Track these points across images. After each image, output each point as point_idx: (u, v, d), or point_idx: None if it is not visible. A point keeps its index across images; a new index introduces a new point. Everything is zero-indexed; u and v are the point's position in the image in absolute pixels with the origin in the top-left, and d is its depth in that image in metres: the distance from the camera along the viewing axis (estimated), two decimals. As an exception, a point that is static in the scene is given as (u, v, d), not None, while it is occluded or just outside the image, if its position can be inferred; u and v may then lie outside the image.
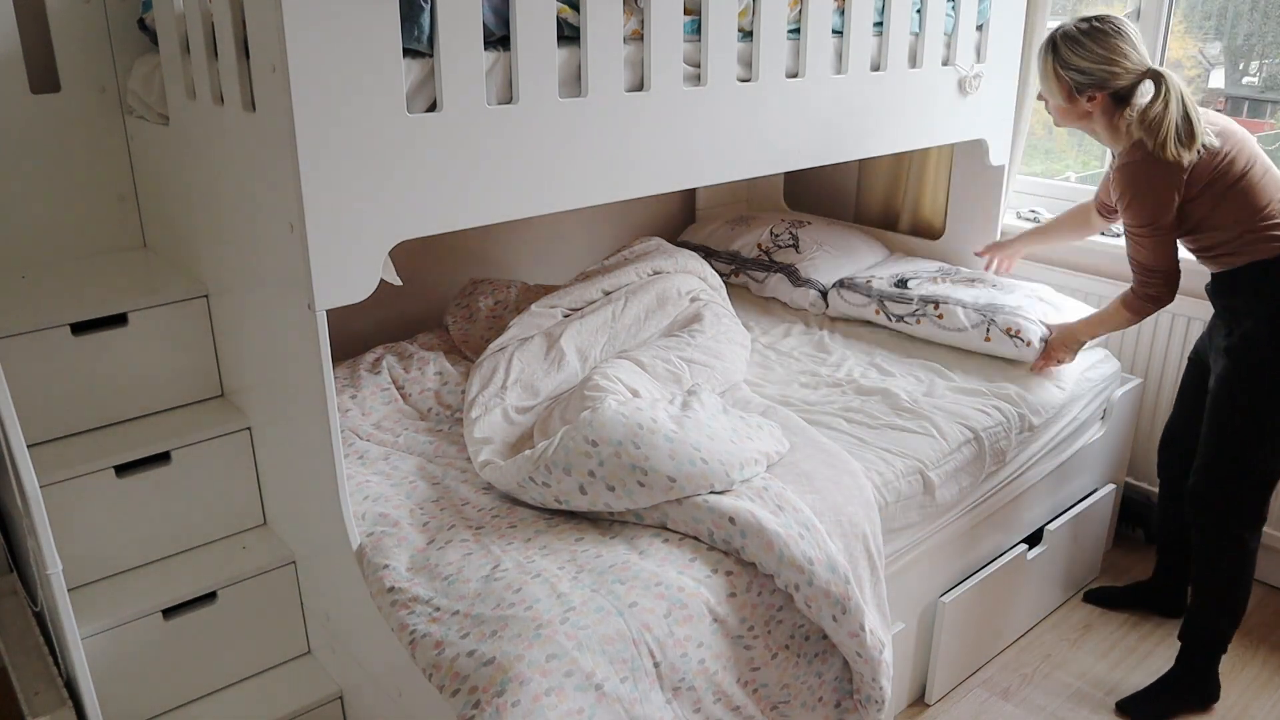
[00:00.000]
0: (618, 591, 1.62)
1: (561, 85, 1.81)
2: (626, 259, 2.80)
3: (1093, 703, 2.31)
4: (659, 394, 2.17)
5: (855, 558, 1.86)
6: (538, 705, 1.42)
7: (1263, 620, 2.60)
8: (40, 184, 2.23)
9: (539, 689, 1.44)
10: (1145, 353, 2.84)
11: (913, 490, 2.09)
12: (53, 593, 1.60)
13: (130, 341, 2.00)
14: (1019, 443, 2.35)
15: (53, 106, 2.21)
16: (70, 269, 2.23)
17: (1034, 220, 3.07)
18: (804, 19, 2.15)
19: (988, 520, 2.35)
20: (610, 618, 1.56)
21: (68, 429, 1.98)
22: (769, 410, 2.23)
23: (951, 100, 2.59)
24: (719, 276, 2.93)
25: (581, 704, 1.46)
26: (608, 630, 1.55)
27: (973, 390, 2.41)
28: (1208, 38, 2.93)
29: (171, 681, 1.92)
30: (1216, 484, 2.13)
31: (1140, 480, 2.93)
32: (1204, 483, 2.15)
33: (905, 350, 2.67)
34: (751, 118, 2.12)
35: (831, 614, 1.75)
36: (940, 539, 2.21)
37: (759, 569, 1.74)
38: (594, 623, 1.55)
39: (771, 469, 1.94)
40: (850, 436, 2.20)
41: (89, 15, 2.20)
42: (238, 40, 1.66)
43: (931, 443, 2.18)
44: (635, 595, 1.61)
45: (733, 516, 1.74)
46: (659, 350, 2.39)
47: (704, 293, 2.73)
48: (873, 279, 2.87)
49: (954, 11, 2.49)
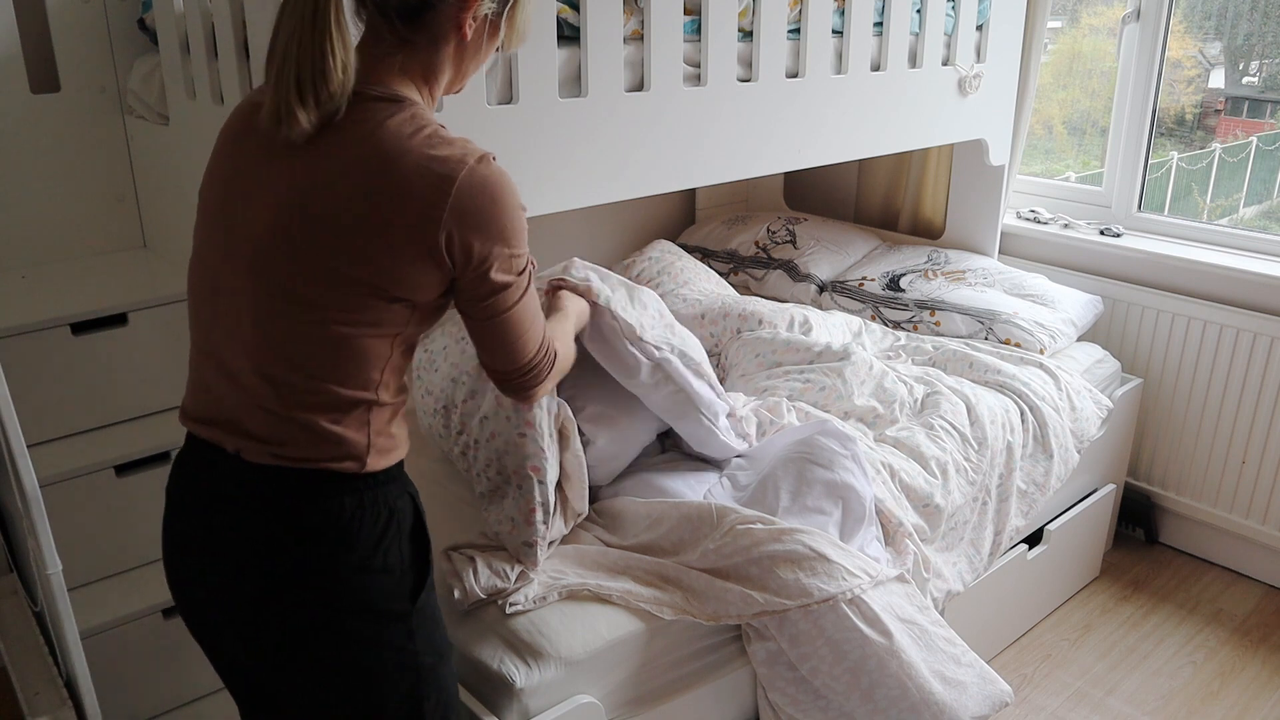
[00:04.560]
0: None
1: (561, 85, 1.81)
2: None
3: (1092, 703, 2.31)
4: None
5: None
6: None
7: (1263, 620, 2.60)
8: (40, 184, 2.23)
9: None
10: (1145, 353, 2.84)
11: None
12: (53, 593, 1.60)
13: (130, 341, 2.00)
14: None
15: (53, 106, 2.21)
16: (70, 269, 2.23)
17: (1034, 220, 3.07)
18: (804, 19, 2.15)
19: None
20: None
21: (68, 429, 1.98)
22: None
23: (951, 100, 2.59)
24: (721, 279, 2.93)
25: None
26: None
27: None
28: (1208, 38, 2.93)
29: (171, 681, 1.92)
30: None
31: (1140, 480, 2.93)
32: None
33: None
34: (751, 118, 2.11)
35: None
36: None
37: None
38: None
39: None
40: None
41: (89, 15, 2.20)
42: (238, 40, 1.66)
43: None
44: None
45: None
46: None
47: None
48: (865, 280, 2.88)
49: (954, 11, 2.49)
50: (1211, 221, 2.90)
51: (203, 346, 1.19)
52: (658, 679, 1.71)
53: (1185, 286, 2.77)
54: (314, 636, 1.15)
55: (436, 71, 1.18)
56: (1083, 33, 3.18)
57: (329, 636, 1.15)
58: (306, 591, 1.13)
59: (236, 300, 1.13)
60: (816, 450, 1.93)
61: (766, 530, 1.75)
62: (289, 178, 1.10)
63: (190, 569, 1.21)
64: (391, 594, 1.17)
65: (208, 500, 1.18)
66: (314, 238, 1.08)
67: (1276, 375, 2.59)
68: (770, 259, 3.11)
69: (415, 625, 1.19)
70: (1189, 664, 2.44)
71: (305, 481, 1.13)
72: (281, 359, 1.11)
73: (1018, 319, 2.60)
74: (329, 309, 1.09)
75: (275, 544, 1.13)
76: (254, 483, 1.14)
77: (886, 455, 2.08)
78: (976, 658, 1.85)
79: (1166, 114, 3.00)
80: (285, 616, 1.14)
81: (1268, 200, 3.00)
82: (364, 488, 1.15)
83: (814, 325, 2.47)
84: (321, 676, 1.17)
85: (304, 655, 1.16)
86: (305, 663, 1.16)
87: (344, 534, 1.14)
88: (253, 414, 1.13)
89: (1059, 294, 2.75)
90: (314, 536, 1.13)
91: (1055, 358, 2.58)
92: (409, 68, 1.15)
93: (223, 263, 1.15)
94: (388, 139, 1.08)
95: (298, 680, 1.17)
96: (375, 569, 1.15)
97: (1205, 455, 2.77)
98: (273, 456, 1.12)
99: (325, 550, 1.13)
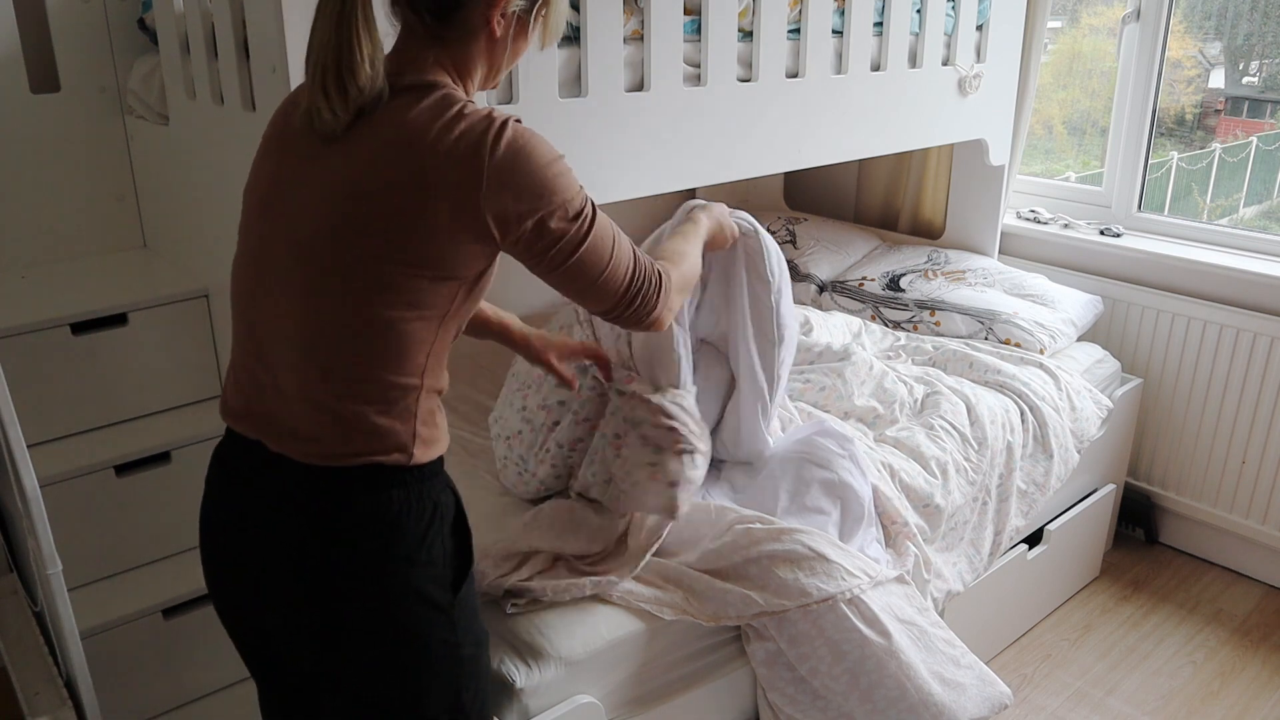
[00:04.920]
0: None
1: (561, 85, 1.81)
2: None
3: (1092, 703, 2.31)
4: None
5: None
6: None
7: (1263, 620, 2.60)
8: (40, 184, 2.23)
9: None
10: (1145, 353, 2.84)
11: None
12: (53, 593, 1.60)
13: (130, 341, 2.00)
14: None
15: (53, 106, 2.21)
16: (70, 269, 2.23)
17: (1034, 220, 3.07)
18: (804, 19, 2.15)
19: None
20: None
21: (68, 429, 1.98)
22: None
23: (951, 100, 2.58)
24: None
25: None
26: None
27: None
28: (1208, 38, 2.93)
29: (171, 681, 1.92)
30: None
31: (1140, 480, 2.93)
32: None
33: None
34: (751, 118, 2.11)
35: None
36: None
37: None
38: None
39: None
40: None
41: (89, 15, 2.20)
42: (238, 40, 1.66)
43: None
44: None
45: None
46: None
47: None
48: (865, 280, 2.88)
49: (954, 11, 2.49)
50: (1211, 221, 2.90)
51: (246, 341, 1.21)
52: (658, 679, 1.71)
53: (1185, 286, 2.77)
54: (361, 627, 1.17)
55: (469, 66, 1.20)
56: (1083, 33, 3.18)
57: (376, 627, 1.17)
58: (354, 582, 1.15)
59: (284, 292, 1.15)
60: (814, 450, 1.94)
61: (765, 530, 1.75)
62: (331, 170, 1.13)
63: (231, 561, 1.23)
64: (436, 586, 1.19)
65: (250, 496, 1.20)
66: (360, 225, 1.10)
67: (1276, 375, 2.59)
68: (770, 259, 3.11)
69: (457, 616, 1.21)
70: (1189, 664, 2.44)
71: (353, 478, 1.15)
72: (329, 346, 1.13)
73: (1018, 319, 2.60)
74: (376, 293, 1.11)
75: (323, 539, 1.15)
76: (299, 482, 1.16)
77: (886, 455, 2.08)
78: (976, 659, 1.85)
79: (1166, 114, 3.00)
80: (333, 608, 1.16)
81: (1268, 200, 3.00)
82: (411, 481, 1.18)
83: (815, 326, 2.47)
84: (366, 666, 1.18)
85: (351, 646, 1.18)
86: (351, 653, 1.18)
87: (392, 527, 1.16)
88: (298, 408, 1.15)
89: (1059, 294, 2.75)
90: (363, 530, 1.15)
91: (1055, 358, 2.58)
92: (442, 61, 1.18)
93: (270, 257, 1.17)
94: (419, 123, 1.11)
95: (342, 670, 1.20)
96: (421, 561, 1.17)
97: (1205, 455, 2.77)
98: (318, 456, 1.14)
99: (374, 544, 1.15)
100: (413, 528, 1.17)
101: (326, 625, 1.17)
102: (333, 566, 1.15)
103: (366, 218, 1.10)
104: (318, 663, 1.21)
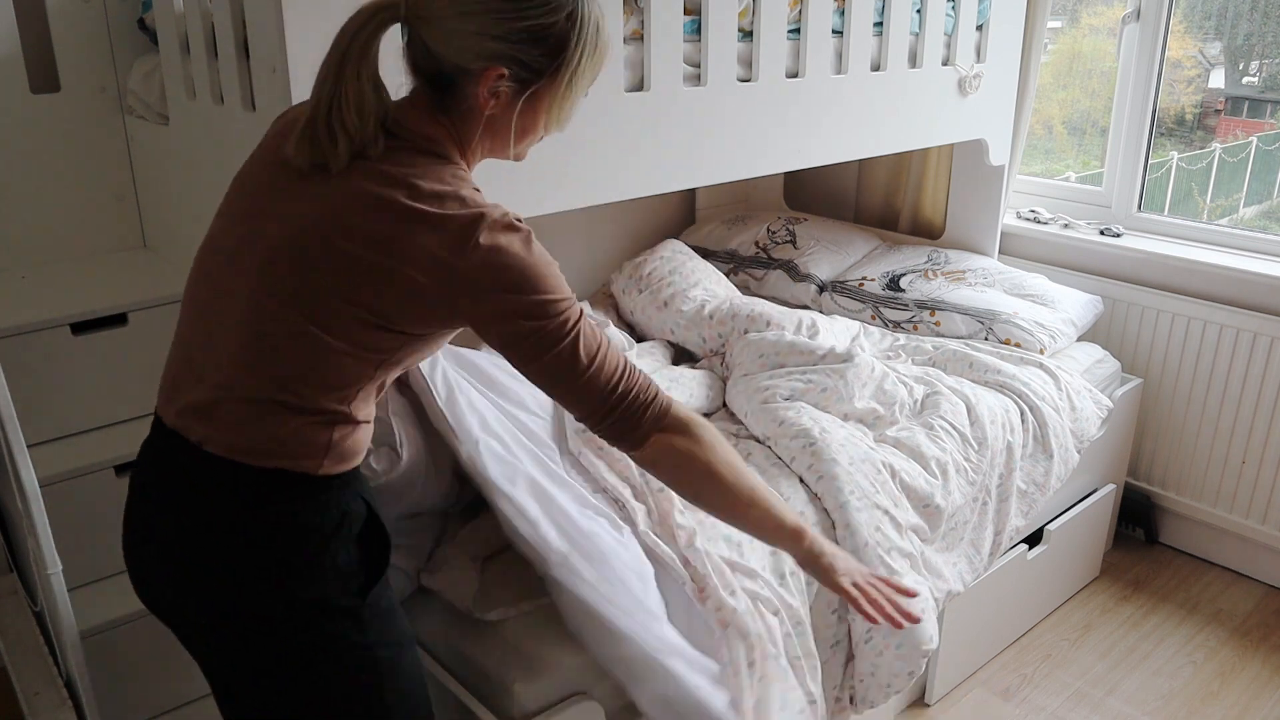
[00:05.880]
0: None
1: (561, 85, 1.81)
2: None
3: (1092, 703, 2.31)
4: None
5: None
6: None
7: (1263, 620, 2.60)
8: (40, 184, 2.23)
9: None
10: (1145, 353, 2.84)
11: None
12: (53, 593, 1.60)
13: (130, 341, 2.00)
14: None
15: (53, 106, 2.20)
16: (70, 269, 2.23)
17: (1034, 220, 3.07)
18: (804, 19, 2.15)
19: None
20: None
21: (68, 429, 1.98)
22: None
23: (951, 100, 2.59)
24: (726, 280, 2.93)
25: None
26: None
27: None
28: (1208, 38, 2.93)
29: (171, 681, 1.92)
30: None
31: (1140, 480, 2.93)
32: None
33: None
34: (751, 118, 2.11)
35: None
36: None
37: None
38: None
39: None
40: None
41: (89, 15, 2.20)
42: (238, 40, 1.66)
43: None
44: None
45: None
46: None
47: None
48: (865, 280, 2.88)
49: (954, 11, 2.49)
50: (1211, 221, 2.90)
51: (193, 327, 1.22)
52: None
53: (1185, 286, 2.77)
54: (266, 628, 1.18)
55: (469, 137, 1.21)
56: (1083, 33, 3.18)
57: (280, 628, 1.18)
58: (259, 584, 1.17)
59: (236, 294, 1.16)
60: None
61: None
62: (317, 200, 1.14)
63: (147, 556, 1.24)
64: (341, 590, 1.20)
65: (166, 488, 1.21)
66: (328, 264, 1.12)
67: (1276, 375, 2.59)
68: (770, 259, 3.11)
69: (367, 618, 1.22)
70: (1189, 664, 2.44)
71: (262, 480, 1.16)
72: (265, 352, 1.14)
73: (1018, 319, 2.60)
74: (325, 324, 1.12)
75: (230, 537, 1.16)
76: (211, 475, 1.17)
77: (887, 455, 2.08)
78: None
79: (1166, 114, 3.00)
80: (238, 609, 1.17)
81: (1268, 200, 3.01)
82: (319, 490, 1.19)
83: (820, 329, 2.47)
84: (273, 667, 1.19)
85: (257, 646, 1.19)
86: (259, 653, 1.19)
87: (296, 532, 1.17)
88: (225, 402, 1.16)
89: (1059, 294, 2.75)
90: (267, 532, 1.16)
91: (1055, 358, 2.58)
92: (445, 125, 1.19)
93: (233, 257, 1.18)
94: (411, 193, 1.11)
95: (250, 672, 1.20)
96: (325, 566, 1.18)
97: (1205, 455, 2.77)
98: (232, 450, 1.15)
99: (277, 546, 1.17)
100: (316, 534, 1.18)
101: (234, 624, 1.18)
102: (239, 566, 1.16)
103: (337, 259, 1.11)
104: (231, 663, 1.22)
